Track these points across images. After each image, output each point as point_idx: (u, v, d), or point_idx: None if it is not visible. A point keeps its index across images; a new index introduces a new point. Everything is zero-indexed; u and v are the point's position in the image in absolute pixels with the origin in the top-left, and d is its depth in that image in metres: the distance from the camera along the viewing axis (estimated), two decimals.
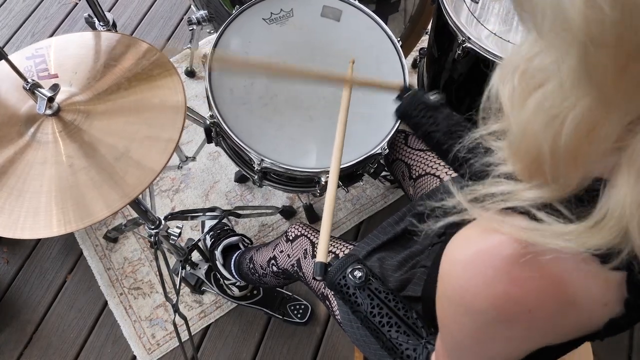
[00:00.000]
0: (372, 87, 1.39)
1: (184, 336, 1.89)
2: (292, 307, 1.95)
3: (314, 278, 1.08)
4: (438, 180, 1.32)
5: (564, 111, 0.45)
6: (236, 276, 1.75)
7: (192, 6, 2.07)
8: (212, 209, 1.88)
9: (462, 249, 0.59)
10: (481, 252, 0.56)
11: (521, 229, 0.53)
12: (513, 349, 0.62)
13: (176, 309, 1.67)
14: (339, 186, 1.45)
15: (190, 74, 2.48)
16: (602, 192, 0.47)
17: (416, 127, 1.14)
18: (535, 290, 0.53)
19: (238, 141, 1.31)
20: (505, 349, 0.62)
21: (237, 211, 1.96)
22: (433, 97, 1.13)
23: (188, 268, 1.94)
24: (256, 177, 1.43)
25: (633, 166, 0.44)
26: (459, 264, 0.59)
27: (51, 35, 2.68)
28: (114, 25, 1.69)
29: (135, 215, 1.99)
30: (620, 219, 0.46)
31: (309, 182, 1.44)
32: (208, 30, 2.04)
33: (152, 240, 1.48)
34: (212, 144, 1.52)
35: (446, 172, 1.32)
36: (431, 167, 1.36)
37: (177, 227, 1.55)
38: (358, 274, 0.92)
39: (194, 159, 2.08)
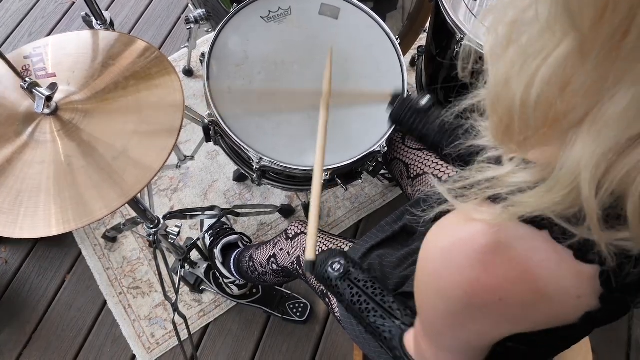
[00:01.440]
0: (361, 99, 1.39)
1: (184, 335, 1.89)
2: (292, 306, 1.95)
3: (303, 273, 1.11)
4: (436, 179, 1.32)
5: (540, 57, 0.45)
6: (236, 275, 1.75)
7: (189, 5, 2.07)
8: (211, 208, 1.88)
9: (440, 236, 0.61)
10: (457, 241, 0.57)
11: (496, 214, 0.54)
12: (485, 334, 0.64)
13: (175, 308, 1.67)
14: (337, 184, 1.45)
15: (188, 72, 2.48)
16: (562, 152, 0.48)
17: (410, 131, 1.16)
18: (506, 279, 0.54)
19: (237, 140, 1.30)
20: (478, 333, 0.64)
21: (235, 210, 1.96)
22: (423, 100, 1.14)
23: (187, 267, 1.94)
24: (255, 175, 1.42)
25: (594, 125, 0.44)
26: (436, 251, 0.61)
27: (48, 35, 2.67)
28: (112, 24, 1.69)
29: (134, 214, 1.99)
30: (573, 175, 0.46)
31: (308, 180, 1.43)
32: (206, 29, 2.04)
33: (151, 239, 1.48)
34: (211, 143, 1.51)
35: (444, 172, 1.32)
36: (429, 166, 1.36)
37: (176, 226, 1.55)
38: (336, 266, 0.99)
39: (192, 158, 2.08)
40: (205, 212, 1.90)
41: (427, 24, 1.90)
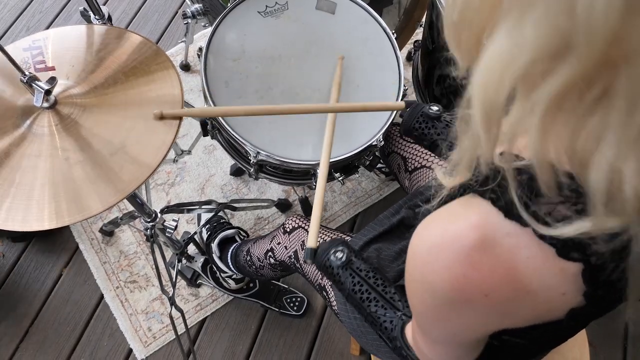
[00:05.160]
0: (372, 110, 1.40)
1: (181, 329, 1.89)
2: (289, 300, 1.96)
3: (304, 262, 1.12)
4: (434, 173, 1.33)
5: None
6: (233, 269, 1.76)
7: None
8: (208, 202, 1.88)
9: (430, 231, 0.62)
10: (446, 236, 0.58)
11: (486, 212, 0.56)
12: (473, 328, 0.66)
13: (172, 302, 1.67)
14: (334, 178, 1.46)
15: (186, 67, 2.48)
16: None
17: (421, 138, 1.17)
18: (492, 276, 0.55)
19: (234, 134, 1.31)
20: (465, 326, 0.66)
21: (233, 204, 1.96)
22: (434, 107, 1.15)
23: (184, 261, 1.95)
24: (252, 169, 1.43)
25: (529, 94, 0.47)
26: (424, 245, 0.62)
27: (46, 29, 2.67)
28: (109, 18, 1.68)
29: (131, 208, 2.00)
30: (512, 130, 0.50)
31: (305, 175, 1.44)
32: (203, 24, 2.04)
33: (148, 233, 1.48)
34: (208, 137, 1.52)
35: (442, 165, 1.33)
36: (427, 159, 1.37)
37: (173, 220, 1.55)
38: (339, 255, 0.99)
39: (189, 152, 2.08)
40: (203, 206, 1.90)
41: (424, 19, 1.91)
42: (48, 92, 1.05)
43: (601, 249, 0.50)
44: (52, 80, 1.06)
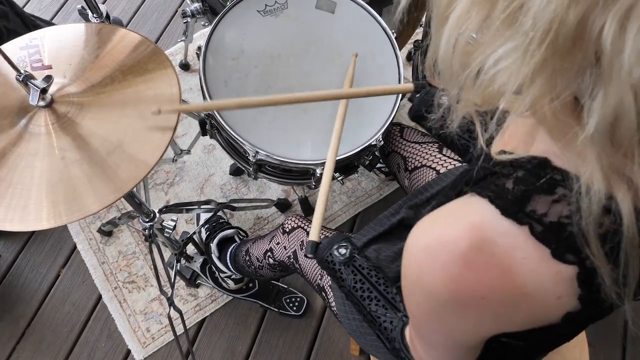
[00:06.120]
0: (379, 94, 1.39)
1: (179, 330, 1.88)
2: (288, 300, 1.95)
3: (305, 256, 1.12)
4: (434, 172, 1.32)
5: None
6: (232, 269, 1.75)
7: None
8: (207, 202, 1.88)
9: (426, 232, 0.62)
10: (442, 237, 0.58)
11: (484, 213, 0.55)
12: (470, 332, 0.65)
13: (171, 303, 1.67)
14: (334, 178, 1.45)
15: (185, 66, 2.48)
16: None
17: (430, 128, 1.15)
18: (488, 277, 0.55)
19: (233, 133, 1.30)
20: (462, 330, 0.65)
21: (232, 204, 1.95)
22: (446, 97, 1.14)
23: (183, 261, 1.94)
24: (251, 169, 1.42)
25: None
26: (420, 246, 0.62)
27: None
28: (108, 17, 1.68)
29: (129, 208, 1.99)
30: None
31: (304, 174, 1.43)
32: (202, 23, 2.03)
33: (146, 233, 1.48)
34: (207, 137, 1.51)
35: (442, 164, 1.32)
36: (427, 159, 1.36)
37: (172, 220, 1.54)
38: (343, 250, 0.99)
39: (188, 152, 2.07)
40: (202, 206, 1.89)
41: (424, 19, 1.90)
42: (44, 91, 1.04)
43: (595, 251, 0.50)
44: (48, 79, 1.05)
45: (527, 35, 0.42)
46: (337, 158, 1.30)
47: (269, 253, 1.47)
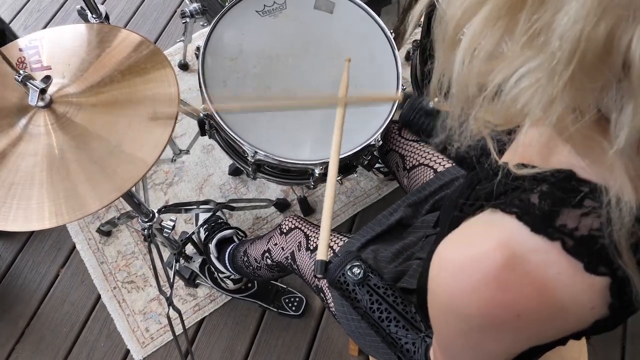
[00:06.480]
0: (368, 103, 1.40)
1: (178, 330, 1.88)
2: (287, 300, 1.96)
3: (315, 276, 1.09)
4: (432, 171, 1.32)
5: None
6: (230, 269, 1.75)
7: None
8: (206, 202, 1.88)
9: (452, 253, 0.60)
10: (470, 258, 0.56)
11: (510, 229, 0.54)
12: (502, 351, 0.63)
13: (170, 303, 1.67)
14: None
15: (184, 67, 2.48)
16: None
17: (419, 132, 1.15)
18: (523, 296, 0.54)
19: (232, 133, 1.30)
20: (494, 350, 0.63)
21: (231, 204, 1.95)
22: (432, 102, 1.14)
23: (182, 261, 1.94)
24: (250, 169, 1.42)
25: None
26: (448, 268, 0.60)
27: (44, 28, 2.66)
28: (107, 17, 1.68)
29: (128, 208, 1.99)
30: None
31: (303, 174, 1.44)
32: (201, 23, 2.03)
33: (145, 233, 1.48)
34: (206, 137, 1.51)
35: (440, 163, 1.32)
36: (425, 157, 1.36)
37: (171, 220, 1.54)
38: (357, 270, 0.94)
39: (187, 152, 2.07)
40: (200, 206, 1.89)
41: (422, 19, 1.90)
42: (43, 91, 1.04)
43: (627, 261, 0.50)
44: (47, 80, 1.05)
45: (554, 55, 0.41)
46: None
47: (266, 254, 1.47)
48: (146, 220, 1.45)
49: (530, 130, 0.55)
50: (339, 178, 1.45)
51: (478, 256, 0.56)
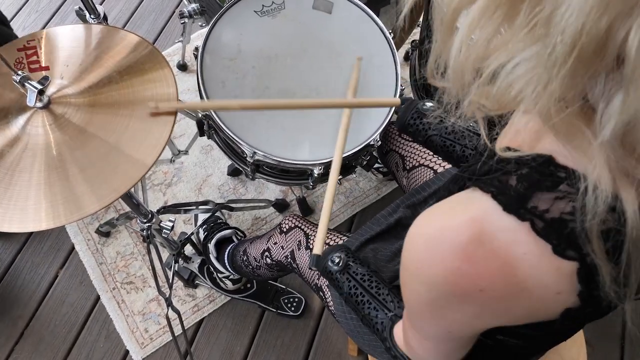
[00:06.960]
0: (368, 107, 1.41)
1: (177, 330, 1.88)
2: (286, 300, 1.96)
3: (309, 268, 1.13)
4: (432, 171, 1.32)
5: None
6: (230, 269, 1.75)
7: None
8: (205, 203, 1.88)
9: (427, 223, 0.62)
10: (443, 229, 0.58)
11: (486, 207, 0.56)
12: (466, 324, 0.65)
13: (169, 303, 1.67)
14: None
15: (183, 67, 2.47)
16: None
17: (415, 135, 1.17)
18: (487, 270, 0.55)
19: (230, 134, 1.30)
20: (459, 322, 0.65)
21: (230, 204, 1.95)
22: (428, 104, 1.15)
23: (181, 262, 1.94)
24: (249, 169, 1.42)
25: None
26: (421, 237, 0.62)
27: (42, 29, 2.66)
28: (105, 18, 1.68)
29: (127, 209, 1.99)
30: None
31: (302, 175, 1.44)
32: (200, 24, 2.03)
33: (144, 234, 1.48)
34: (205, 138, 1.51)
35: (440, 164, 1.32)
36: (425, 158, 1.36)
37: (170, 220, 1.54)
38: (336, 259, 1.02)
39: (186, 152, 2.07)
40: (199, 207, 1.89)
41: (421, 19, 1.90)
42: (41, 92, 1.04)
43: (596, 248, 0.50)
44: (45, 80, 1.05)
45: (554, 47, 0.42)
46: None
47: (266, 253, 1.47)
48: (145, 220, 1.45)
49: (523, 116, 0.57)
50: (339, 178, 1.45)
51: (449, 229, 0.57)
